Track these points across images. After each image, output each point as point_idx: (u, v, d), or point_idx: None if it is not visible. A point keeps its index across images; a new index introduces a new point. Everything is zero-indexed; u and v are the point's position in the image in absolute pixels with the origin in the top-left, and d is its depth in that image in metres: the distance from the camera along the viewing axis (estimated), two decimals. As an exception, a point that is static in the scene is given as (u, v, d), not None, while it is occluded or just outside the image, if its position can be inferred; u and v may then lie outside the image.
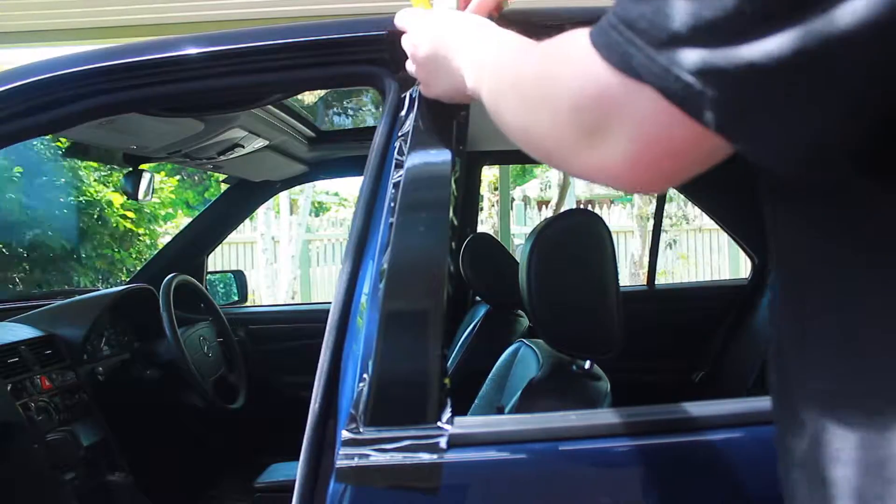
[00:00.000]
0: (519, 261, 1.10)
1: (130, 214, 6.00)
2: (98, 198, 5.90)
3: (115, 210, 5.94)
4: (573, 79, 0.43)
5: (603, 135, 0.42)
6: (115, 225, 5.94)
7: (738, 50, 0.33)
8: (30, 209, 5.53)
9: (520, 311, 2.09)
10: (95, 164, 5.57)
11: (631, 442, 0.79)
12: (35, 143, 5.20)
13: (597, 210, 8.61)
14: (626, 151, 0.41)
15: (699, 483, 0.80)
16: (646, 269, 2.71)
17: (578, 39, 0.43)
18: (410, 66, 0.84)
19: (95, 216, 5.86)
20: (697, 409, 0.82)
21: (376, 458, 0.75)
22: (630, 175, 0.42)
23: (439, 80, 0.79)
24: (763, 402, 0.59)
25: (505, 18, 0.97)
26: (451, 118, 0.89)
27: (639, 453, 0.79)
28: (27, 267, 5.70)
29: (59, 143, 5.22)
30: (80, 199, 5.80)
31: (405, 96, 0.95)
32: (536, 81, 0.49)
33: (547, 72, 0.47)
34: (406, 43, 0.83)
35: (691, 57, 0.35)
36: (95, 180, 5.95)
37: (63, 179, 5.72)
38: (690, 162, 0.41)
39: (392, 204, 0.86)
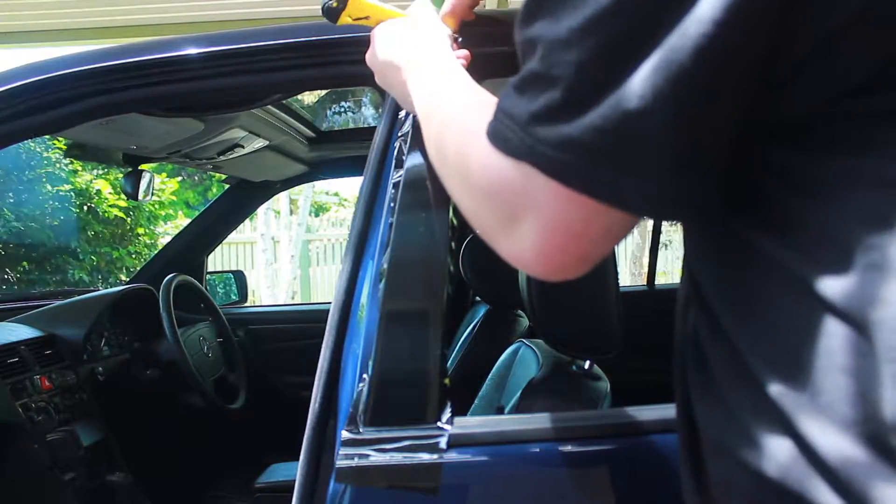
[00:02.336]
0: (519, 261, 1.10)
1: (122, 203, 5.98)
2: (89, 189, 5.90)
3: (105, 199, 5.94)
4: (481, 169, 0.46)
5: (515, 223, 0.45)
6: (105, 216, 5.93)
7: (577, 122, 0.39)
8: (21, 204, 5.53)
9: (520, 311, 2.09)
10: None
11: (631, 442, 0.79)
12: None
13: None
14: (535, 239, 0.44)
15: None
16: (646, 268, 2.71)
17: (479, 128, 0.46)
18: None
19: (88, 211, 5.86)
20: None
21: (376, 458, 0.75)
22: (543, 262, 0.45)
23: (393, 91, 0.80)
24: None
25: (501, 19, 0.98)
26: None
27: (639, 453, 0.79)
28: (25, 264, 5.70)
29: (55, 141, 5.23)
30: (72, 192, 5.80)
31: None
32: (457, 167, 0.51)
33: (462, 158, 0.50)
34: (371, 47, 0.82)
35: (549, 132, 0.41)
36: (92, 177, 5.95)
37: (55, 174, 5.72)
38: (595, 238, 0.44)
39: (392, 204, 0.86)
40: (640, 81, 0.38)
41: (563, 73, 0.40)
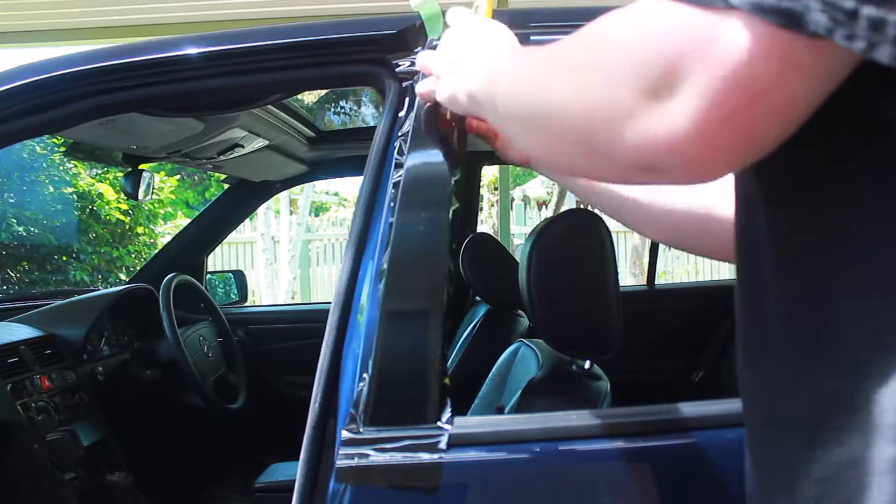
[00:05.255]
0: (519, 261, 1.10)
1: (124, 206, 5.99)
2: (90, 191, 5.90)
3: (108, 202, 5.94)
4: (637, 32, 0.40)
5: (669, 91, 0.38)
6: (106, 217, 5.93)
7: None
8: (22, 205, 5.53)
9: (520, 311, 2.09)
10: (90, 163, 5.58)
11: (631, 442, 0.79)
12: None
13: (596, 210, 8.59)
14: (695, 109, 0.37)
15: (699, 483, 0.80)
16: (646, 265, 2.71)
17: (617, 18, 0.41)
18: (424, 60, 0.79)
19: (88, 210, 5.87)
20: (697, 409, 0.82)
21: (376, 457, 0.75)
22: (695, 141, 0.38)
23: (450, 78, 0.72)
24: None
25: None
26: (451, 118, 0.89)
27: (639, 453, 0.79)
28: (25, 264, 5.70)
29: (55, 141, 5.23)
30: (73, 193, 5.81)
31: (405, 96, 0.95)
32: (584, 49, 0.44)
33: (599, 35, 0.43)
34: (441, 41, 0.77)
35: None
36: (91, 177, 5.95)
37: (55, 174, 5.72)
38: (769, 114, 0.37)
39: (392, 204, 0.86)
40: None
41: None
